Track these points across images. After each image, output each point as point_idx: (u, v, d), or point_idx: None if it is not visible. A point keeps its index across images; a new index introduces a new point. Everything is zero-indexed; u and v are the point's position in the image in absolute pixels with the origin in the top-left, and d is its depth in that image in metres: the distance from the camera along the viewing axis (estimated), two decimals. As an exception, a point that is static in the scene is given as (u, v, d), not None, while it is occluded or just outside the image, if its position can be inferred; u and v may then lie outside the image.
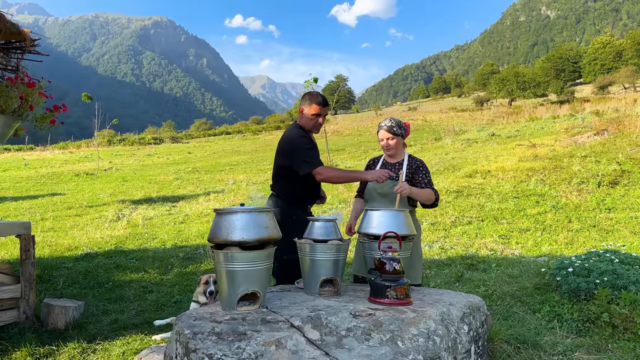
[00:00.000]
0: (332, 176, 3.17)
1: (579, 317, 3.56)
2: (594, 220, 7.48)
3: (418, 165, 3.32)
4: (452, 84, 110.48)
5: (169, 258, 6.25)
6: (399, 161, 3.37)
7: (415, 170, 3.30)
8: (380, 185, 3.15)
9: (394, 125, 3.31)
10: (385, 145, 3.34)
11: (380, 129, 3.36)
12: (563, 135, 16.85)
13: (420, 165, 3.32)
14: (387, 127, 3.32)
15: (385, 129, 3.32)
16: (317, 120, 3.29)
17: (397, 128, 3.31)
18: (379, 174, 3.00)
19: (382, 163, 3.44)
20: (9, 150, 32.23)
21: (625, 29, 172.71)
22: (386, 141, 3.34)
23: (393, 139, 3.31)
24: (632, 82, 51.71)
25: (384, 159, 3.46)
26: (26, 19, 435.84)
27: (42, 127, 3.70)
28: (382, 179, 3.00)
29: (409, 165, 3.31)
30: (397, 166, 3.35)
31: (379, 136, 3.37)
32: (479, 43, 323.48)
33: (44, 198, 12.15)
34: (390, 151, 3.36)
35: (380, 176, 2.99)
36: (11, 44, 3.69)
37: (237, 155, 24.90)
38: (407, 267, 2.82)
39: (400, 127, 3.33)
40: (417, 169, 3.30)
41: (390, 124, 3.33)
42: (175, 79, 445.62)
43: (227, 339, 1.89)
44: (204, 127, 63.11)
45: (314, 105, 3.28)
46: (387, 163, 3.42)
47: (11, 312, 3.68)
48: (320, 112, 3.29)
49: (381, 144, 3.38)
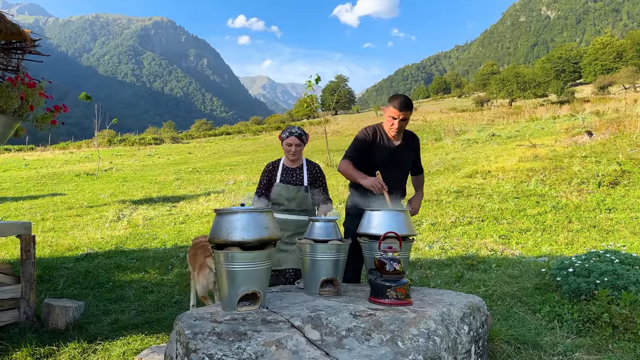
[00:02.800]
0: (341, 169, 3.33)
1: (579, 318, 3.56)
2: (594, 221, 7.48)
3: (317, 172, 3.62)
4: (452, 84, 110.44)
5: (170, 258, 6.25)
6: (299, 166, 3.60)
7: (315, 177, 3.59)
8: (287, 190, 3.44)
9: (303, 134, 3.53)
10: (293, 152, 3.51)
11: (292, 135, 3.49)
12: (563, 135, 16.85)
13: (318, 172, 3.63)
14: (297, 134, 3.50)
15: (296, 135, 3.49)
16: (392, 122, 3.24)
17: (304, 137, 3.54)
18: (373, 182, 3.04)
19: (283, 168, 3.58)
20: (9, 150, 32.23)
21: (626, 29, 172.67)
22: (295, 147, 3.50)
23: (300, 146, 3.51)
24: (632, 82, 51.71)
25: (284, 164, 3.60)
26: (26, 20, 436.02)
27: (43, 128, 3.71)
28: (375, 189, 3.03)
29: (308, 171, 3.59)
30: (298, 171, 3.57)
31: (289, 141, 3.50)
32: (479, 43, 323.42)
33: (44, 198, 12.15)
34: (295, 156, 3.54)
35: (374, 186, 3.03)
36: (12, 44, 3.70)
37: (237, 156, 24.90)
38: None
39: (306, 136, 3.56)
40: (316, 175, 3.61)
41: (300, 132, 3.52)
42: (175, 79, 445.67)
43: (227, 339, 1.89)
44: (204, 127, 63.16)
45: (390, 108, 3.25)
46: (287, 168, 3.58)
47: (12, 312, 3.68)
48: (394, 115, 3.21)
49: (288, 149, 3.51)
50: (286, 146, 3.52)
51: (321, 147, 21.60)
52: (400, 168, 3.39)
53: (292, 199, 3.44)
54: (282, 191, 3.45)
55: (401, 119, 3.20)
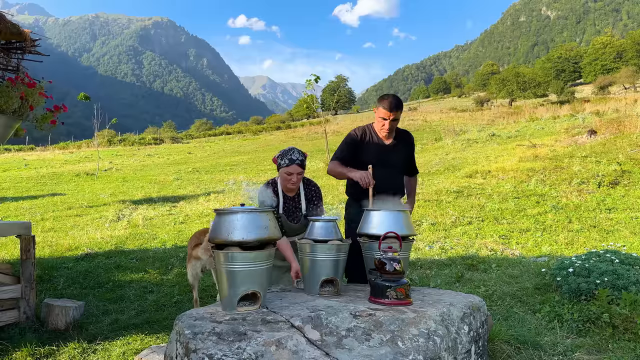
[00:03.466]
0: (329, 170, 3.28)
1: (579, 318, 3.56)
2: (594, 221, 7.48)
3: (313, 195, 3.21)
4: (452, 84, 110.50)
5: (169, 258, 6.25)
6: (296, 193, 3.19)
7: (312, 202, 3.19)
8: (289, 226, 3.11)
9: (304, 159, 3.08)
10: (294, 182, 3.05)
11: (293, 163, 3.01)
12: (563, 135, 16.85)
13: (315, 193, 3.22)
14: (300, 162, 3.03)
15: (298, 163, 3.02)
16: (382, 123, 3.15)
17: (305, 161, 3.07)
18: (362, 175, 2.97)
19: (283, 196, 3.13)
20: (9, 150, 32.23)
21: (626, 29, 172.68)
22: (296, 177, 3.04)
23: (301, 175, 3.08)
24: (632, 82, 51.70)
25: (284, 192, 3.14)
26: (26, 19, 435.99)
27: (43, 128, 3.71)
28: (364, 181, 2.97)
29: (306, 196, 3.18)
30: (297, 199, 3.17)
31: (289, 170, 3.01)
32: (479, 43, 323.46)
33: (44, 198, 12.15)
34: (295, 186, 3.10)
35: (362, 178, 2.96)
36: (12, 44, 3.69)
37: (237, 156, 24.90)
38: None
39: (305, 158, 3.12)
40: (312, 198, 3.20)
41: (302, 158, 3.06)
42: (175, 79, 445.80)
43: (227, 339, 1.89)
44: (204, 127, 63.17)
45: (380, 109, 3.15)
46: (286, 196, 3.15)
47: (11, 313, 3.68)
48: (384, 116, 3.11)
49: (288, 178, 3.04)
50: (285, 175, 3.03)
51: (321, 147, 21.59)
52: (390, 167, 3.24)
53: (290, 234, 3.14)
54: (284, 224, 3.10)
55: (392, 119, 3.13)
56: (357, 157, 3.23)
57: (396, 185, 3.30)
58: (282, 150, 3.12)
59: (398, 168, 3.34)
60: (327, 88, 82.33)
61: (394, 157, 3.28)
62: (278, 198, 3.09)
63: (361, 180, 2.99)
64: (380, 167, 3.11)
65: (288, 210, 3.16)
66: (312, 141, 28.61)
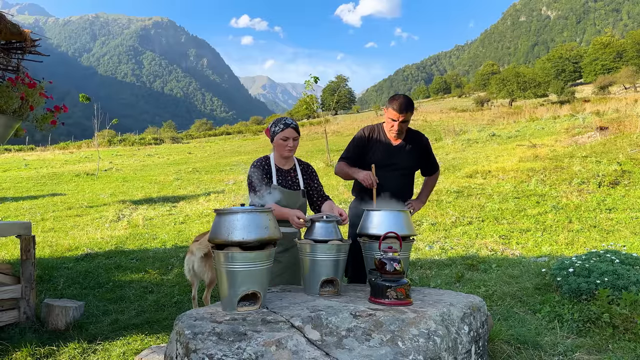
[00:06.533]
0: (336, 171, 3.31)
1: (580, 318, 3.56)
2: (595, 221, 7.47)
3: (311, 171, 3.16)
4: (452, 84, 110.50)
5: (170, 258, 6.25)
6: (291, 167, 3.07)
7: (310, 177, 3.12)
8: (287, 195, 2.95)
9: (297, 125, 2.99)
10: (291, 146, 2.93)
11: (288, 127, 2.91)
12: (563, 135, 16.85)
13: (312, 171, 3.17)
14: (294, 126, 2.94)
15: (293, 127, 2.93)
16: (392, 124, 3.10)
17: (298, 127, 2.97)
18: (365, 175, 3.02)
19: (276, 169, 3.00)
20: (9, 150, 32.23)
21: (626, 29, 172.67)
22: (292, 141, 2.93)
23: (297, 140, 2.97)
24: (632, 82, 51.71)
25: (277, 165, 3.01)
26: (27, 20, 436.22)
27: (43, 128, 3.71)
28: (367, 181, 2.99)
29: (302, 172, 3.10)
30: (292, 173, 3.05)
31: (285, 134, 2.90)
32: (480, 43, 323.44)
33: (44, 198, 12.15)
34: (291, 153, 2.98)
35: (365, 179, 3.00)
36: (12, 44, 3.70)
37: (237, 156, 24.89)
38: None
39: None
40: (311, 174, 3.13)
41: (296, 123, 2.97)
42: (175, 79, 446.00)
43: (227, 339, 1.89)
44: (205, 127, 63.26)
45: (390, 110, 3.10)
46: (280, 169, 3.02)
47: (12, 313, 3.68)
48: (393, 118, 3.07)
49: (284, 144, 2.92)
50: (280, 141, 2.92)
51: (321, 147, 21.59)
52: (397, 169, 3.19)
53: (291, 206, 2.91)
54: (280, 196, 2.87)
55: (401, 120, 3.07)
56: (364, 157, 3.22)
57: (401, 186, 3.24)
58: (274, 119, 3.06)
59: (405, 169, 3.27)
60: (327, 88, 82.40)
61: (401, 158, 3.22)
62: (270, 172, 2.97)
63: (364, 180, 2.99)
64: (385, 168, 3.11)
65: (283, 182, 3.00)
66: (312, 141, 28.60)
